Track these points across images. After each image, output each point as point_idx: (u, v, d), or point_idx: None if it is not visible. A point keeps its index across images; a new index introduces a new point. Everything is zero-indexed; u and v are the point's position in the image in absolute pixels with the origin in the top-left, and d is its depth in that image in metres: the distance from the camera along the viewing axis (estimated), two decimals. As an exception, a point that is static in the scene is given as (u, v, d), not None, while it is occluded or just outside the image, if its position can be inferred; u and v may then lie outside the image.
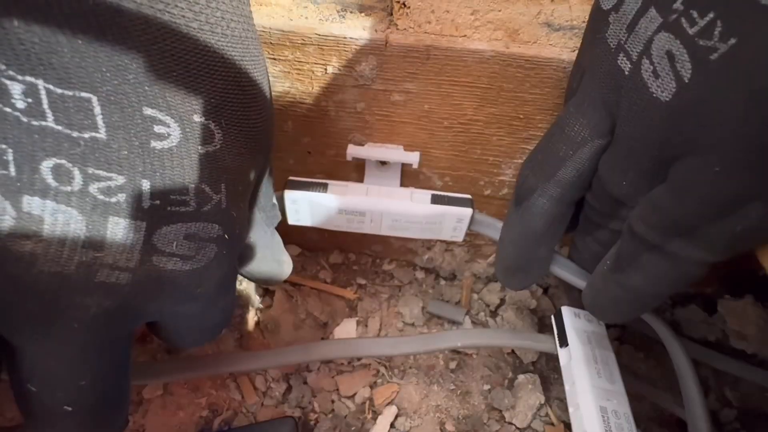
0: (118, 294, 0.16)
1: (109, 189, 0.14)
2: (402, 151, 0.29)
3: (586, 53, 0.21)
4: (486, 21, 0.24)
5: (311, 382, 0.33)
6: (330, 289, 0.37)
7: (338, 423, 0.31)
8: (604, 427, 0.22)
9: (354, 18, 0.25)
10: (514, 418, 0.31)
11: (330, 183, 0.27)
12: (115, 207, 0.15)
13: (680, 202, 0.17)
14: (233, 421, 0.31)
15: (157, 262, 0.16)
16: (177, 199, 0.16)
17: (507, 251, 0.24)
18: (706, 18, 0.15)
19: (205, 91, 0.15)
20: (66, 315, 0.15)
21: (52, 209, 0.14)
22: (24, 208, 0.13)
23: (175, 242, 0.16)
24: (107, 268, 0.15)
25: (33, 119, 0.13)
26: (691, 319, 0.35)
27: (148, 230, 0.15)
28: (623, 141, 0.19)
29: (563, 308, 0.26)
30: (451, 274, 0.38)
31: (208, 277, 0.18)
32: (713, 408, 0.33)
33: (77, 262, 0.14)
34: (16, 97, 0.12)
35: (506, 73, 0.25)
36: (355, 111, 0.28)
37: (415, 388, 0.33)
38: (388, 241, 0.37)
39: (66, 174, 0.14)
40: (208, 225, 0.17)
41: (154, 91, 0.14)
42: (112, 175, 0.14)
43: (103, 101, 0.13)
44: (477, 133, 0.28)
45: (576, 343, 0.25)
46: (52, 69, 0.12)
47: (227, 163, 0.17)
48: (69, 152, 0.13)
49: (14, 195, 0.13)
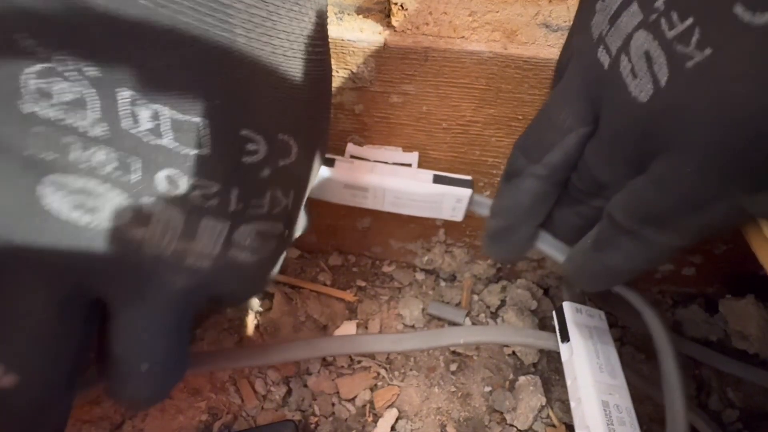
0: (199, 276, 0.19)
1: (206, 195, 0.17)
2: (401, 152, 0.29)
3: (574, 37, 0.21)
4: (484, 22, 0.24)
5: (311, 385, 0.33)
6: (329, 291, 0.37)
7: (339, 426, 0.31)
8: (606, 422, 0.22)
9: (351, 20, 0.25)
10: (515, 419, 0.31)
11: (337, 158, 0.27)
12: (209, 209, 0.18)
13: (657, 196, 0.18)
14: (233, 425, 0.31)
15: (232, 253, 0.19)
16: (256, 202, 0.19)
17: (493, 221, 0.25)
18: (686, 23, 0.15)
19: (290, 113, 0.18)
20: (158, 288, 0.18)
21: (161, 208, 0.17)
22: (140, 206, 0.17)
23: (249, 238, 0.19)
24: (194, 255, 0.18)
25: (155, 138, 0.16)
26: (692, 320, 0.35)
27: (230, 228, 0.18)
28: (606, 132, 0.19)
29: (565, 303, 0.26)
30: (451, 276, 0.38)
31: (267, 266, 0.21)
32: (716, 408, 0.33)
33: (173, 249, 0.18)
34: (144, 121, 0.16)
35: (504, 74, 0.24)
36: (353, 113, 0.28)
37: (415, 390, 0.33)
38: (388, 243, 0.37)
39: (175, 182, 0.17)
40: (276, 224, 0.20)
41: (250, 115, 0.17)
42: (211, 183, 0.17)
43: (209, 124, 0.16)
44: (476, 135, 0.28)
45: (578, 338, 0.25)
46: (173, 98, 0.16)
47: (298, 172, 0.20)
48: (180, 165, 0.17)
49: (135, 196, 0.16)
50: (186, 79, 0.16)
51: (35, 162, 0.15)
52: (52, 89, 0.15)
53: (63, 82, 0.15)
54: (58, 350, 0.18)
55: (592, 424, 0.22)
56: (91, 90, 0.15)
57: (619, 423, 0.22)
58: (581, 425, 0.23)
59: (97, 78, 0.15)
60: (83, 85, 0.15)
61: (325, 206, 0.33)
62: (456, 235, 0.35)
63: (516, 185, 0.23)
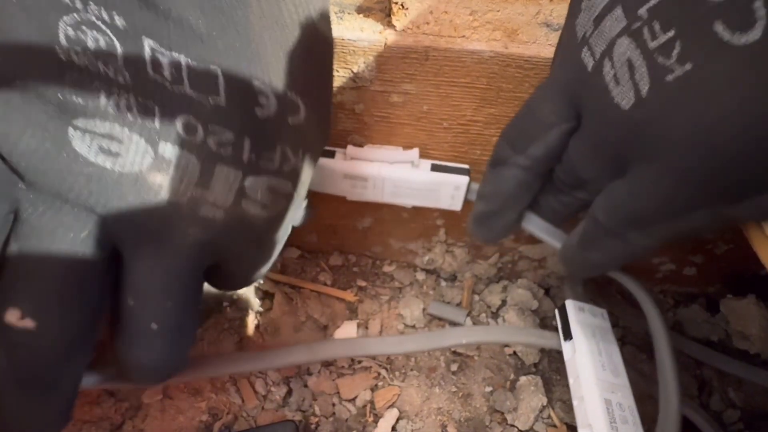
0: (212, 228, 0.20)
1: (221, 142, 0.18)
2: (401, 152, 0.29)
3: (563, 32, 0.21)
4: (484, 21, 0.24)
5: (312, 385, 0.33)
6: (330, 291, 0.37)
7: (339, 426, 0.31)
8: (608, 419, 0.22)
9: (352, 19, 0.25)
10: (516, 420, 0.31)
11: (337, 150, 0.28)
12: (223, 156, 0.19)
13: (636, 202, 0.18)
14: (233, 425, 0.31)
15: (244, 205, 0.20)
16: (266, 155, 0.20)
17: (479, 205, 0.26)
18: (667, 34, 0.15)
19: (298, 74, 0.20)
20: (172, 239, 0.19)
21: (179, 154, 0.18)
22: (159, 152, 0.18)
23: (259, 191, 0.20)
24: (209, 204, 0.19)
25: (175, 85, 0.17)
26: (693, 319, 0.35)
27: (242, 177, 0.19)
28: (587, 132, 0.20)
29: (567, 302, 0.26)
30: (452, 276, 0.38)
31: (276, 225, 0.22)
32: (717, 409, 0.33)
33: (189, 197, 0.19)
34: (166, 68, 0.17)
35: (505, 74, 0.24)
36: (353, 112, 0.27)
37: (416, 390, 0.33)
38: (389, 243, 0.37)
39: (193, 128, 0.18)
40: (285, 182, 0.21)
41: (262, 68, 0.18)
42: (225, 131, 0.18)
43: (225, 74, 0.18)
44: (476, 134, 0.28)
45: (580, 337, 0.25)
46: (193, 47, 0.17)
47: (305, 133, 0.21)
48: (197, 112, 0.18)
49: (155, 142, 0.17)
50: (205, 30, 0.17)
51: (66, 106, 0.16)
52: (85, 37, 0.16)
53: (95, 31, 0.16)
54: (75, 299, 0.18)
55: (595, 422, 0.22)
56: (118, 39, 0.16)
57: (621, 421, 0.22)
58: (584, 424, 0.22)
59: (124, 27, 0.16)
60: (112, 34, 0.16)
61: (325, 206, 0.33)
62: (457, 234, 0.35)
63: (500, 173, 0.23)
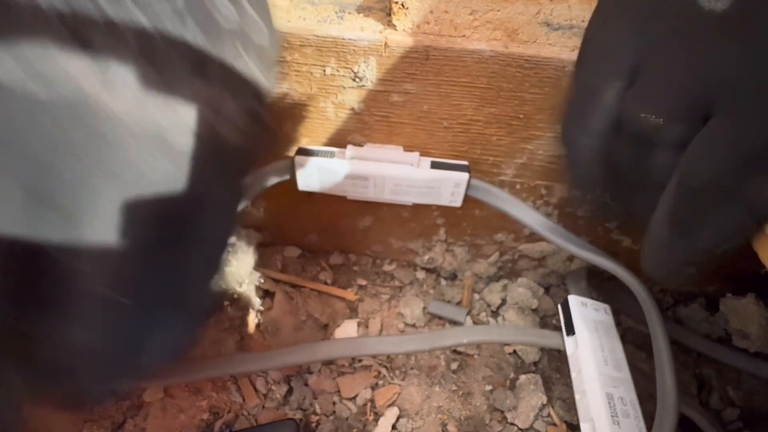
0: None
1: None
2: (401, 151, 0.29)
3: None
4: (485, 21, 0.24)
5: (312, 384, 0.33)
6: (330, 290, 0.37)
7: (340, 425, 0.31)
8: (610, 413, 0.22)
9: (352, 19, 0.25)
10: (516, 418, 0.31)
11: (337, 150, 0.28)
12: None
13: (751, 128, 0.14)
14: (234, 424, 0.31)
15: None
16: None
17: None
18: None
19: None
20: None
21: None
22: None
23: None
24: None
25: None
26: (693, 318, 0.35)
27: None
28: (657, 69, 0.17)
29: (570, 297, 0.26)
30: (452, 274, 0.38)
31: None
32: (716, 407, 0.33)
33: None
34: None
35: (505, 73, 0.24)
36: (354, 112, 0.27)
37: (416, 389, 0.33)
38: (389, 242, 0.37)
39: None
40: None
41: None
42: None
43: None
44: (477, 134, 0.28)
45: (583, 331, 0.25)
46: None
47: None
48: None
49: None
50: None
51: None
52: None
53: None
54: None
55: (597, 416, 0.22)
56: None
57: (623, 415, 0.22)
58: (585, 417, 0.23)
59: None
60: None
61: (326, 206, 0.33)
62: (457, 233, 0.35)
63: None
